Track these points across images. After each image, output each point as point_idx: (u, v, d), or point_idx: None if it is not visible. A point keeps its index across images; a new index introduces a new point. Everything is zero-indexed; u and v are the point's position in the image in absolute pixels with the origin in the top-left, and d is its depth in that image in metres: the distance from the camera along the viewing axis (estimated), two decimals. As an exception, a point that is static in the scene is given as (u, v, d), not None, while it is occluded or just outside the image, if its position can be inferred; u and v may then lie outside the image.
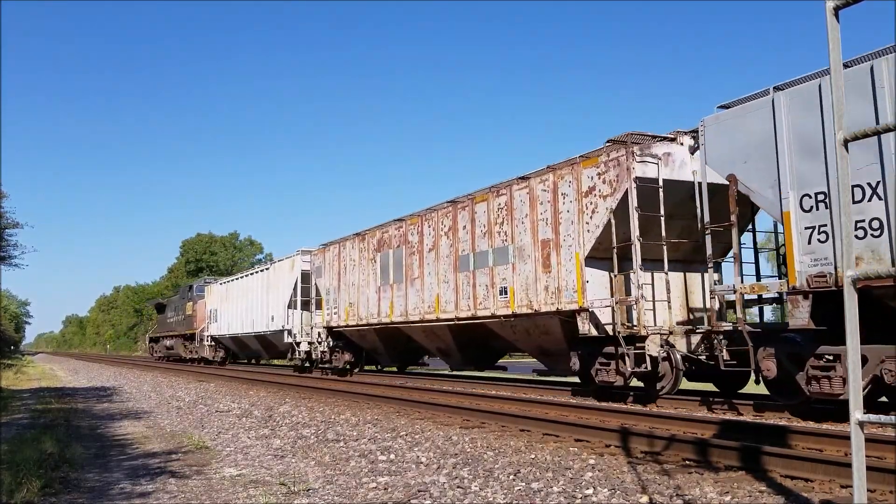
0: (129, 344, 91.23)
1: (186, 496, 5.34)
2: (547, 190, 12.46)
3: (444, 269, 15.28)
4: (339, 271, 20.32)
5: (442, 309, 15.27)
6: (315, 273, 22.02)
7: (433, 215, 15.86)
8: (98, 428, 9.96)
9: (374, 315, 18.17)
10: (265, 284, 25.98)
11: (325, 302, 21.07)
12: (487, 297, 13.82)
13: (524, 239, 12.92)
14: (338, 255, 20.55)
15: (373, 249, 18.46)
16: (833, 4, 2.33)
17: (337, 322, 20.23)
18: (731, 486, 5.04)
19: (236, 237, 78.39)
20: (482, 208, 14.21)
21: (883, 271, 2.26)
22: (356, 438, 8.05)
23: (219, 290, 32.08)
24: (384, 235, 17.94)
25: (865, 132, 2.33)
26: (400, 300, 16.98)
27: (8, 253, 37.12)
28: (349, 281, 19.67)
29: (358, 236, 19.35)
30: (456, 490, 5.26)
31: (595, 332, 11.38)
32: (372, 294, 18.30)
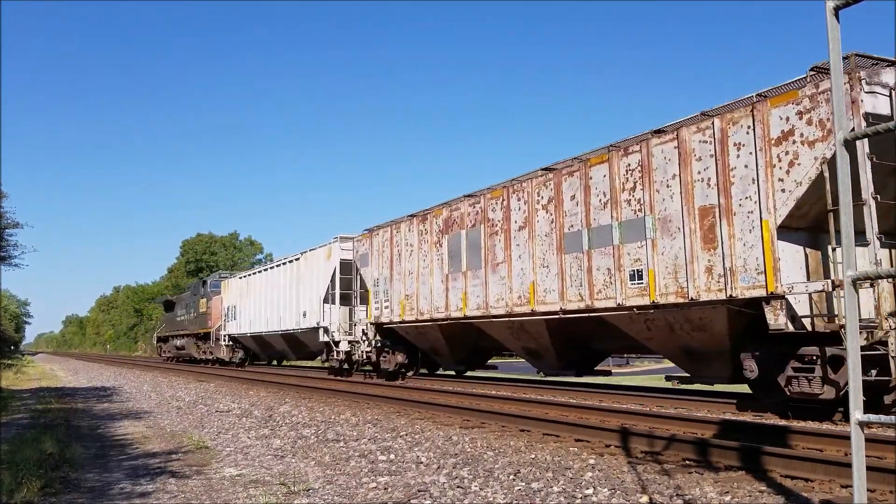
0: (129, 344, 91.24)
1: (186, 496, 5.34)
2: (708, 140, 9.57)
3: (543, 250, 12.41)
4: (392, 258, 17.33)
5: (540, 300, 12.40)
6: (359, 262, 19.17)
7: (524, 186, 13.04)
8: (98, 428, 9.96)
9: (439, 309, 15.27)
10: (294, 277, 23.45)
11: (372, 295, 18.15)
12: (610, 283, 10.95)
13: (670, 207, 10.06)
14: (389, 240, 17.54)
15: (438, 231, 15.52)
16: (833, 4, 2.33)
17: (388, 317, 17.39)
18: (731, 486, 5.03)
19: (236, 237, 78.41)
20: (600, 172, 11.33)
21: (884, 272, 2.26)
22: (356, 438, 8.05)
23: (238, 284, 29.60)
24: (453, 214, 15.06)
25: (866, 132, 2.33)
26: (477, 290, 14.13)
27: (8, 253, 37.12)
28: (405, 269, 16.74)
29: (416, 217, 16.50)
30: (456, 490, 5.26)
31: (791, 328, 8.66)
32: (437, 284, 15.43)
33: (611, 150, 11.24)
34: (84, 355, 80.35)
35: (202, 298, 33.57)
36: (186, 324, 36.36)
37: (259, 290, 26.89)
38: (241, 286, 29.14)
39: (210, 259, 74.72)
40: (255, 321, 26.91)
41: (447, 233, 15.27)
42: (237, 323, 29.12)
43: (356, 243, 19.43)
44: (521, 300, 12.95)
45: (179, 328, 38.09)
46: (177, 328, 38.76)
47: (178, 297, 41.55)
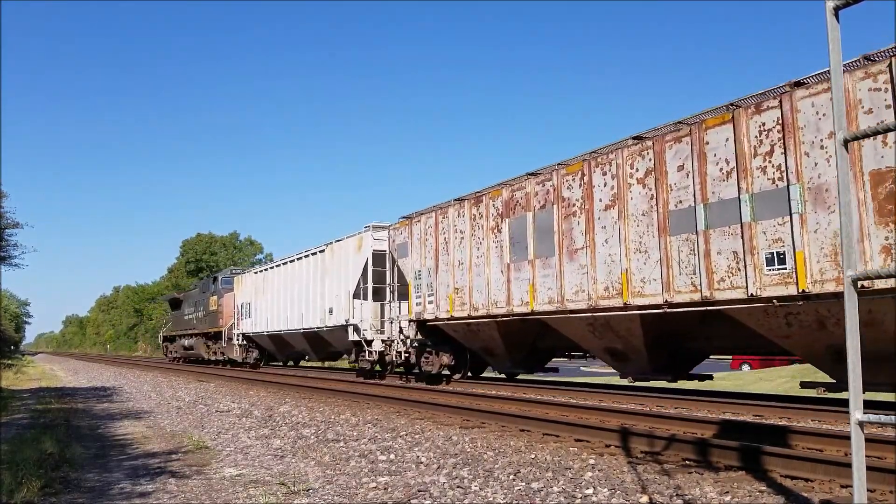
0: (129, 344, 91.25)
1: (186, 496, 5.34)
2: (882, 87, 7.71)
3: (639, 232, 10.57)
4: (437, 248, 15.41)
5: (636, 291, 10.59)
6: (396, 252, 17.23)
7: (611, 158, 11.13)
8: (98, 428, 9.96)
9: (498, 303, 13.48)
10: (319, 270, 21.50)
11: (412, 289, 16.22)
12: (737, 269, 9.09)
13: (826, 173, 8.23)
14: (433, 227, 15.58)
15: (496, 215, 13.67)
16: (833, 4, 2.33)
17: (433, 313, 15.50)
18: (731, 486, 5.03)
19: (236, 237, 78.46)
20: (720, 136, 9.45)
21: (883, 271, 2.26)
22: (356, 438, 8.05)
23: (253, 280, 27.64)
24: (516, 195, 13.19)
25: (866, 132, 2.33)
26: (548, 281, 12.23)
27: (8, 253, 37.15)
28: (453, 259, 14.83)
29: (468, 200, 14.64)
30: (456, 490, 5.26)
31: None
32: (495, 275, 13.59)
33: (734, 109, 9.32)
34: (84, 355, 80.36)
35: (213, 296, 31.60)
36: (195, 322, 34.50)
37: (277, 286, 25.04)
38: (256, 282, 27.26)
39: (210, 259, 74.76)
40: (273, 319, 25.15)
41: (508, 216, 13.32)
42: (252, 321, 27.31)
43: (392, 232, 17.46)
44: (610, 292, 11.02)
45: (187, 327, 36.24)
46: (184, 327, 36.94)
47: (185, 295, 39.44)
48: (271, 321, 25.29)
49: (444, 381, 16.38)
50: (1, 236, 35.50)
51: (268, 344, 27.23)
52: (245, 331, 28.05)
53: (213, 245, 76.31)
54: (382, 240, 18.32)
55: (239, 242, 78.13)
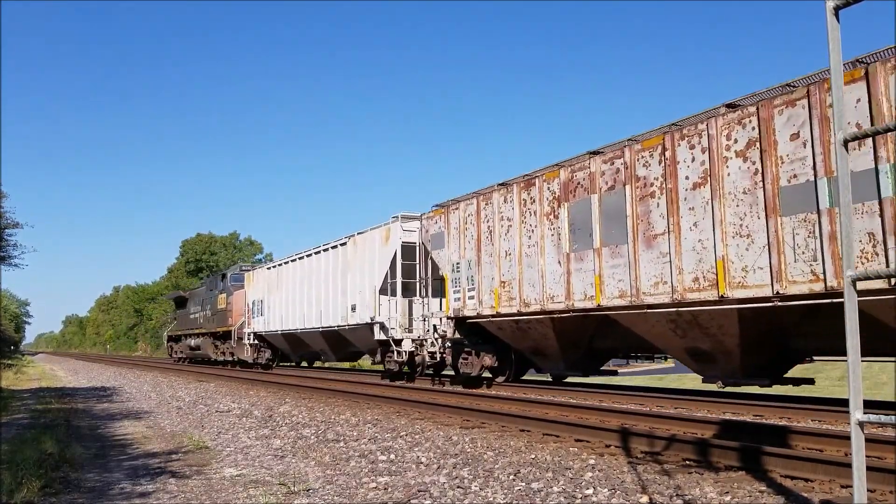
0: (129, 344, 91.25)
1: (186, 496, 5.34)
2: None
3: (739, 213, 9.09)
4: (479, 237, 13.90)
5: (735, 282, 9.09)
6: (430, 243, 15.65)
7: (699, 129, 9.65)
8: (98, 428, 9.96)
9: (556, 297, 11.94)
10: (340, 265, 19.89)
11: (450, 283, 14.74)
12: (873, 253, 7.69)
13: None
14: (475, 215, 14.05)
15: (552, 199, 12.13)
16: (833, 4, 2.33)
17: (475, 309, 13.94)
18: (731, 486, 5.03)
19: (236, 237, 78.43)
20: (850, 96, 7.82)
21: (883, 271, 2.26)
22: (356, 438, 8.05)
23: (266, 276, 25.94)
24: (576, 176, 11.65)
25: (866, 132, 2.33)
26: (619, 272, 10.75)
27: (8, 253, 37.14)
28: (499, 250, 13.34)
29: (516, 184, 13.08)
30: (456, 490, 5.26)
31: None
32: (551, 266, 12.07)
33: (864, 64, 7.81)
34: (84, 355, 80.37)
35: (221, 293, 30.05)
36: (202, 321, 32.87)
37: (293, 282, 23.39)
38: (270, 278, 25.54)
39: (210, 259, 74.74)
40: (288, 317, 23.56)
41: (567, 200, 11.78)
42: (264, 319, 25.64)
43: (426, 222, 15.88)
44: (700, 283, 9.55)
45: (193, 326, 34.59)
46: (190, 326, 35.29)
47: (191, 293, 37.87)
48: (286, 319, 23.74)
49: (485, 385, 14.86)
50: (1, 236, 35.50)
51: (281, 344, 25.72)
52: (257, 330, 26.45)
53: (213, 245, 76.29)
54: (412, 231, 16.97)
55: (239, 242, 78.12)
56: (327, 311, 20.55)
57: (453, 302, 14.69)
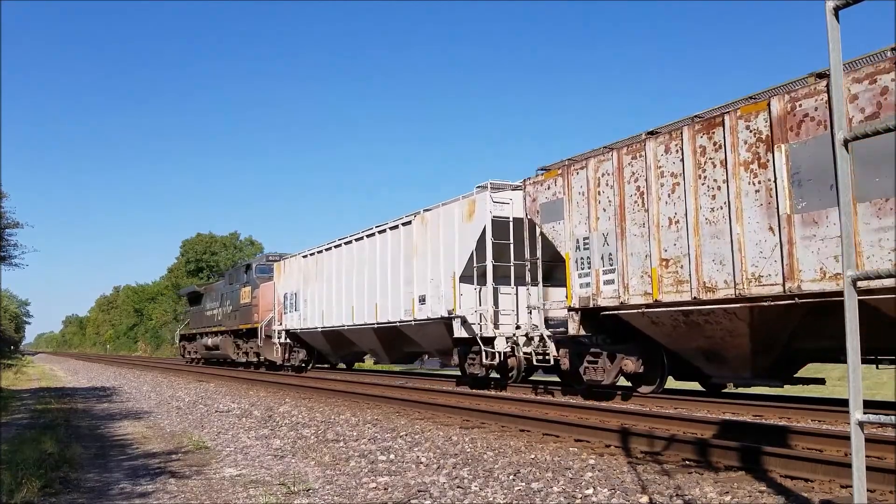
0: (129, 344, 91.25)
1: (186, 496, 5.34)
2: None
3: None
4: (623, 202, 10.79)
5: None
6: (540, 215, 12.42)
7: None
8: (98, 428, 9.96)
9: (765, 278, 8.80)
10: (403, 249, 16.67)
11: (573, 264, 11.63)
12: None
13: None
14: (615, 174, 10.93)
15: (753, 142, 9.01)
16: (833, 4, 2.33)
17: (617, 297, 10.85)
18: (731, 486, 5.04)
19: (236, 237, 78.38)
20: None
21: (883, 270, 2.26)
22: (356, 438, 8.05)
23: (302, 265, 22.63)
24: (800, 106, 8.51)
25: (865, 132, 2.33)
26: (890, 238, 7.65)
27: (8, 253, 37.16)
28: (657, 217, 10.26)
29: (688, 126, 9.87)
30: (456, 490, 5.26)
31: None
32: (755, 235, 8.96)
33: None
34: (84, 355, 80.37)
35: (245, 287, 26.94)
36: (221, 319, 29.82)
37: (337, 271, 20.11)
38: (307, 267, 22.32)
39: (210, 259, 74.69)
40: (330, 312, 20.33)
41: (785, 141, 8.63)
42: (299, 315, 22.43)
43: (532, 188, 12.70)
44: None
45: (210, 324, 31.44)
46: (206, 324, 32.09)
47: (206, 288, 34.88)
48: (328, 315, 20.49)
49: (619, 396, 11.70)
50: (1, 236, 35.52)
51: (320, 343, 22.35)
52: (290, 327, 23.13)
53: (214, 245, 76.23)
54: (504, 202, 14.02)
55: (239, 242, 78.05)
56: (384, 304, 17.36)
57: (579, 289, 11.54)
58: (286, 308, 23.59)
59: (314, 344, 22.94)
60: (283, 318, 23.70)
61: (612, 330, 11.46)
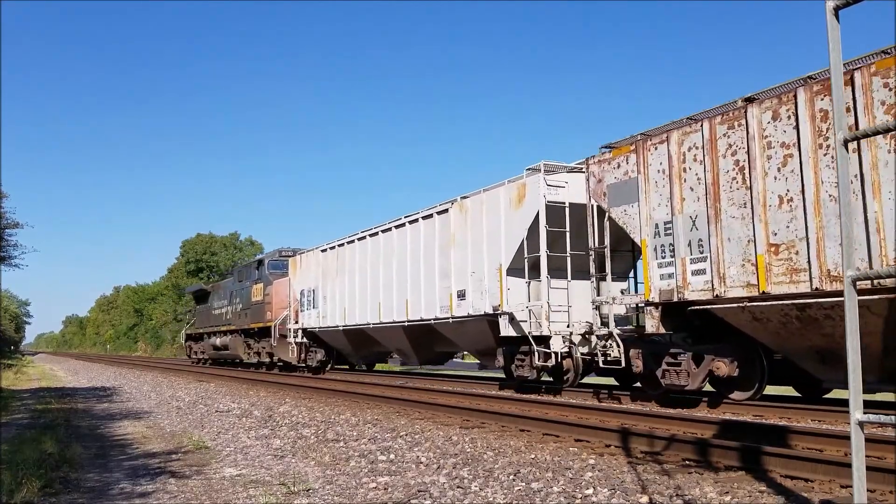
0: (129, 344, 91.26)
1: (186, 496, 5.34)
2: None
3: None
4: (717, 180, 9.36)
5: None
6: (609, 198, 11.04)
7: None
8: (98, 428, 9.97)
9: None
10: (439, 239, 15.29)
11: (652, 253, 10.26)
12: None
13: None
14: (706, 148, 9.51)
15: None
16: (833, 4, 2.33)
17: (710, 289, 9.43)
18: (731, 486, 5.04)
19: (236, 237, 78.38)
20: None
21: (883, 271, 2.26)
22: (356, 438, 8.05)
23: (320, 260, 21.19)
24: None
25: (866, 132, 2.33)
26: None
27: (8, 253, 37.15)
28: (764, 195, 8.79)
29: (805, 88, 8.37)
30: (456, 490, 5.26)
31: None
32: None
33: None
34: (84, 355, 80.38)
35: (256, 284, 25.63)
36: (229, 317, 28.56)
37: (361, 265, 18.68)
38: (326, 261, 20.86)
39: (210, 259, 74.68)
40: (353, 309, 18.95)
41: None
42: (318, 313, 21.10)
43: (599, 167, 11.29)
44: None
45: (218, 323, 30.14)
46: (214, 323, 30.83)
47: (214, 286, 33.67)
48: (350, 312, 19.15)
49: (706, 404, 10.26)
50: (1, 236, 35.51)
51: (341, 343, 21.07)
52: (308, 325, 21.89)
53: (214, 245, 76.22)
54: (560, 185, 12.57)
55: (239, 242, 78.05)
56: (416, 300, 16.02)
57: (659, 280, 10.19)
58: (303, 305, 22.17)
59: (334, 344, 21.69)
60: (299, 317, 22.36)
61: (698, 327, 10.10)
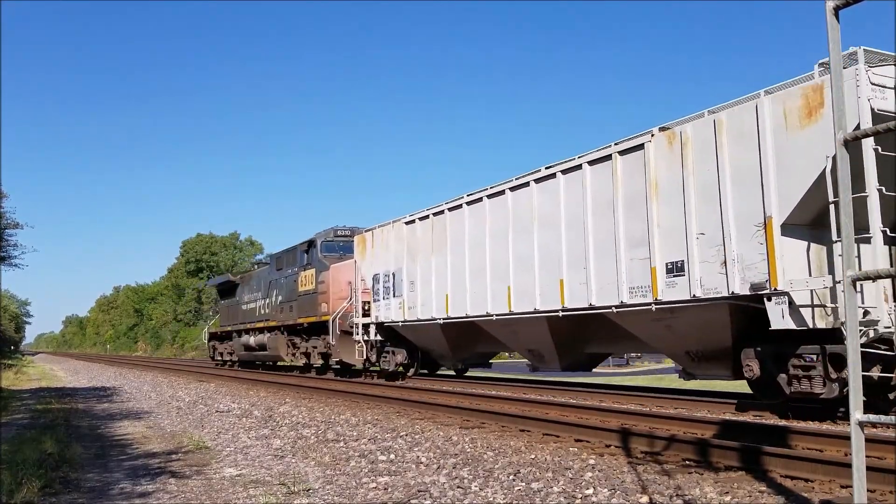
0: (129, 344, 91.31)
1: (186, 496, 5.34)
2: None
3: None
4: None
5: None
6: None
7: None
8: (98, 428, 9.97)
9: None
10: (626, 189, 10.44)
11: None
12: None
13: None
14: None
15: None
16: (833, 4, 2.33)
17: None
18: (731, 486, 5.04)
19: (236, 237, 78.47)
20: None
21: (883, 271, 2.26)
22: (356, 438, 8.05)
23: (404, 235, 16.18)
24: None
25: (866, 132, 2.33)
26: None
27: (8, 253, 37.12)
28: None
29: None
30: (456, 490, 5.26)
31: None
32: None
33: None
34: (84, 355, 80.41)
35: (305, 270, 21.50)
36: (268, 312, 24.48)
37: (475, 236, 13.92)
38: (413, 236, 15.95)
39: (210, 259, 74.78)
40: (461, 296, 14.21)
41: None
42: (401, 301, 16.21)
43: None
44: None
45: (249, 319, 26.31)
46: (244, 320, 26.95)
47: (243, 277, 29.54)
48: (456, 300, 14.40)
49: None
50: (1, 236, 35.50)
51: (435, 341, 16.02)
52: (386, 318, 16.86)
53: (214, 245, 76.31)
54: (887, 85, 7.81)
55: (239, 242, 78.14)
56: (579, 280, 11.28)
57: None
58: (378, 294, 17.29)
59: (422, 342, 16.73)
60: (372, 308, 17.52)
61: None
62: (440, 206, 15.22)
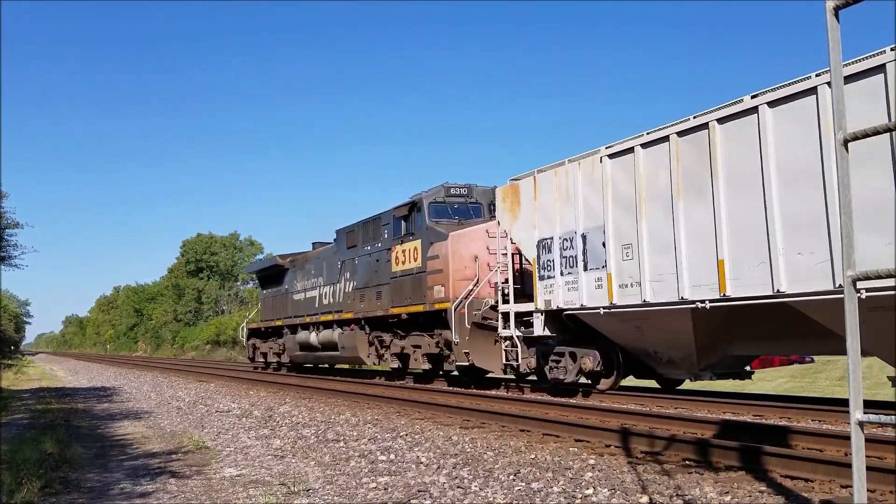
0: (129, 344, 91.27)
1: (186, 496, 5.34)
2: None
3: None
4: None
5: None
6: None
7: None
8: (98, 428, 9.97)
9: None
10: None
11: None
12: None
13: None
14: None
15: None
16: (833, 4, 2.33)
17: None
18: (731, 486, 5.04)
19: (236, 237, 78.43)
20: None
21: (883, 271, 2.25)
22: (356, 438, 8.05)
23: (607, 176, 10.62)
24: None
25: (865, 132, 2.33)
26: None
27: (8, 253, 37.09)
28: None
29: None
30: (456, 490, 5.26)
31: None
32: None
33: None
34: (84, 355, 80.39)
35: (405, 243, 15.91)
36: (337, 300, 19.16)
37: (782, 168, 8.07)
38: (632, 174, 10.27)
39: (210, 259, 74.75)
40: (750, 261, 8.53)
41: None
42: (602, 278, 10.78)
43: None
44: None
45: (307, 311, 20.99)
46: (302, 312, 21.44)
47: (295, 259, 23.47)
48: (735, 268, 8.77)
49: None
50: (1, 236, 35.48)
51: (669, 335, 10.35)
52: (568, 303, 11.44)
53: (214, 245, 76.27)
54: None
55: (239, 242, 78.11)
56: None
57: None
58: (548, 268, 11.81)
59: (633, 338, 11.09)
60: (537, 289, 12.02)
61: None
62: (697, 118, 9.39)
